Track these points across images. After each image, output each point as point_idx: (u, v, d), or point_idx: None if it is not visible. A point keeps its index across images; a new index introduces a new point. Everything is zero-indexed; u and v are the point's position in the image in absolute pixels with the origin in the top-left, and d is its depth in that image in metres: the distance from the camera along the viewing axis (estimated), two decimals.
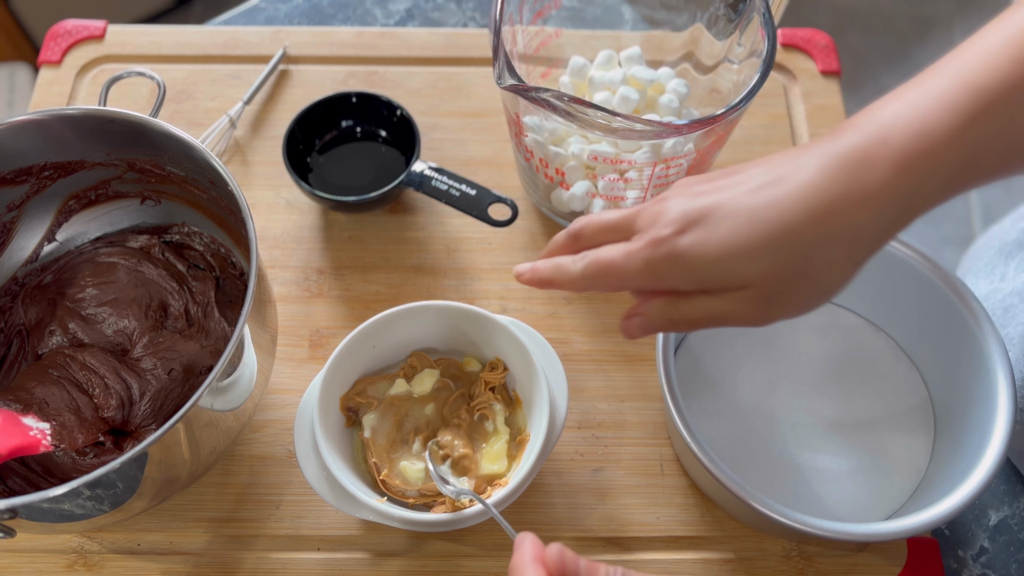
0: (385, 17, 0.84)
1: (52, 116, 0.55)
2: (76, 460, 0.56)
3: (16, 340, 0.61)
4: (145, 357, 0.58)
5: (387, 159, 0.72)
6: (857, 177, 0.38)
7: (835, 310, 0.64)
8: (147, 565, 0.57)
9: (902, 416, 0.60)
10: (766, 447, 0.59)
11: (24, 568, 0.56)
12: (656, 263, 0.41)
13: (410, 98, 0.76)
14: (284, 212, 0.71)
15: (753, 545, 0.58)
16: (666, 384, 0.53)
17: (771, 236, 0.38)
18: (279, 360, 0.63)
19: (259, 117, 0.76)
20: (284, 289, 0.67)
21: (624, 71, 0.66)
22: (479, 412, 0.57)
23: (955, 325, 0.56)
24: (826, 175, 0.38)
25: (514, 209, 0.64)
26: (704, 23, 0.65)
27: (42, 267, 0.63)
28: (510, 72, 0.53)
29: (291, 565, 0.57)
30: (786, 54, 0.79)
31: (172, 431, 0.45)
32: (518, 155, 0.66)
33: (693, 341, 0.63)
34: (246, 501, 0.59)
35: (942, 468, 0.56)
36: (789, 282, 0.39)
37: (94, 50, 0.79)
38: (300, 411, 0.54)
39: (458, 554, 0.57)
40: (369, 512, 0.52)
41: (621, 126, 0.53)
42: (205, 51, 0.79)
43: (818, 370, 0.62)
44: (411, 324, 0.57)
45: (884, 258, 0.58)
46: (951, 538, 0.59)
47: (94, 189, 0.62)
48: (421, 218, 0.71)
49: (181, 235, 0.64)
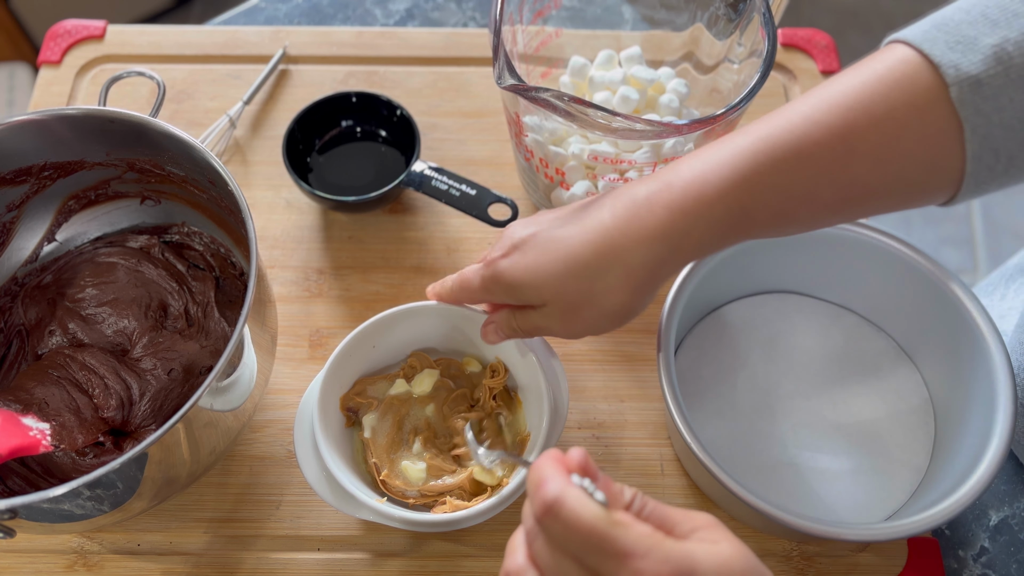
0: (385, 17, 0.84)
1: (52, 116, 0.55)
2: (76, 460, 0.56)
3: (16, 340, 0.61)
4: (145, 357, 0.58)
5: (387, 159, 0.72)
6: (638, 217, 0.44)
7: (835, 310, 0.64)
8: (147, 565, 0.57)
9: (902, 416, 0.60)
10: (766, 447, 0.59)
11: (24, 568, 0.56)
12: (486, 280, 0.49)
13: (410, 98, 0.76)
14: (284, 212, 0.71)
15: (754, 545, 0.57)
16: (667, 384, 0.53)
17: (563, 264, 0.45)
18: (279, 360, 0.63)
19: (259, 117, 0.76)
20: (284, 289, 0.67)
21: (624, 71, 0.66)
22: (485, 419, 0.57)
23: (955, 325, 0.56)
24: (616, 215, 0.44)
25: (514, 209, 0.64)
26: (704, 23, 0.65)
27: (42, 267, 0.63)
28: (510, 72, 0.53)
29: (291, 565, 0.57)
30: (786, 54, 0.79)
31: (172, 431, 0.45)
32: (518, 155, 0.66)
33: (693, 341, 0.63)
34: (246, 501, 0.59)
35: (942, 468, 0.56)
36: (578, 303, 0.46)
37: (94, 50, 0.79)
38: (300, 411, 0.54)
39: (458, 554, 0.57)
40: (369, 512, 0.52)
41: (621, 126, 0.53)
42: (205, 51, 0.79)
43: (818, 370, 0.62)
44: (411, 324, 0.57)
45: (884, 258, 0.58)
46: (951, 538, 0.59)
47: (94, 189, 0.62)
48: (421, 218, 0.71)
49: (181, 235, 0.64)
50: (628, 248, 0.44)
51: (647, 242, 0.44)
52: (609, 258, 0.44)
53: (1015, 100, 0.39)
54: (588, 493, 0.34)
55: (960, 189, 0.42)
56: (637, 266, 0.44)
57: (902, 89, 0.40)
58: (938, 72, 0.39)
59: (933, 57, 0.40)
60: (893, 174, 0.41)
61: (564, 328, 0.48)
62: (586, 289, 0.45)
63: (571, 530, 0.33)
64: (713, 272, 0.58)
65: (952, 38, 0.40)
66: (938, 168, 0.41)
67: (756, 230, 0.44)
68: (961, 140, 0.40)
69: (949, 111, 0.39)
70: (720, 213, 0.43)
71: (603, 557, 0.32)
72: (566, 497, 0.33)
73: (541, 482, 0.34)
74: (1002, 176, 0.41)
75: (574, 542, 0.33)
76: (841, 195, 0.43)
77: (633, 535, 0.32)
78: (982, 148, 0.40)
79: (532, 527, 0.35)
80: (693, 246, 0.44)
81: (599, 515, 0.33)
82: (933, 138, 0.40)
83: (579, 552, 0.33)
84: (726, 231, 0.44)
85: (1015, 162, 0.40)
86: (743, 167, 0.42)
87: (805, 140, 0.41)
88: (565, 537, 0.33)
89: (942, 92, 0.39)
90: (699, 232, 0.43)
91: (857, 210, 0.44)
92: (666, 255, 0.44)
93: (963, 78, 0.39)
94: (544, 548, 0.35)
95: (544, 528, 0.34)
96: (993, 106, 0.39)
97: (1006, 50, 0.38)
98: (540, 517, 0.34)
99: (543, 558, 0.35)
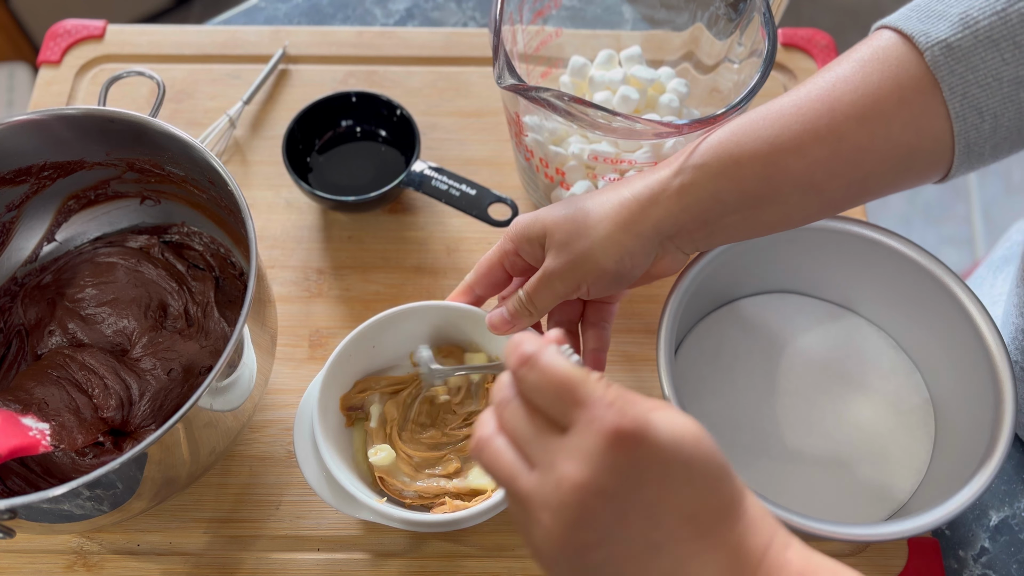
0: (385, 16, 0.84)
1: (51, 116, 0.55)
2: (75, 460, 0.56)
3: (15, 340, 0.61)
4: (144, 357, 0.58)
5: (387, 159, 0.72)
6: (633, 211, 0.49)
7: (835, 310, 0.64)
8: (147, 566, 0.57)
9: (902, 416, 0.60)
10: (766, 447, 0.59)
11: (24, 568, 0.56)
12: (504, 238, 0.54)
13: (410, 98, 0.76)
14: (284, 212, 0.71)
15: None
16: (667, 384, 0.53)
17: (564, 201, 0.52)
18: (279, 360, 0.63)
19: (259, 117, 0.76)
20: (284, 289, 0.67)
21: (624, 71, 0.66)
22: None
23: (956, 325, 0.56)
24: (617, 207, 0.49)
25: (514, 209, 0.64)
26: (704, 22, 0.65)
27: (41, 267, 0.63)
28: (510, 72, 0.53)
29: (291, 566, 0.57)
30: (787, 53, 0.79)
31: (171, 431, 0.45)
32: (518, 155, 0.66)
33: (693, 341, 0.63)
34: (246, 501, 0.59)
35: (942, 468, 0.56)
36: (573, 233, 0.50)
37: (93, 50, 0.79)
38: (299, 412, 0.54)
39: (458, 554, 0.57)
40: (369, 512, 0.52)
41: (621, 126, 0.53)
42: (204, 51, 0.79)
43: (818, 370, 0.61)
44: (411, 324, 0.57)
45: (885, 257, 0.58)
46: (952, 538, 0.59)
47: (93, 189, 0.62)
48: (421, 218, 0.71)
49: (180, 235, 0.64)
50: (630, 194, 0.49)
51: (637, 231, 0.48)
52: (608, 192, 0.50)
53: (986, 59, 0.42)
54: (565, 356, 0.36)
55: (954, 154, 0.44)
56: (630, 199, 0.48)
57: (879, 60, 0.44)
58: (913, 43, 0.43)
59: (906, 31, 0.44)
60: (883, 137, 0.44)
61: (564, 266, 0.50)
62: (581, 219, 0.49)
63: (546, 376, 0.34)
64: (713, 272, 0.58)
65: (923, 14, 0.44)
66: (927, 131, 0.44)
67: (691, 242, 0.49)
68: (943, 101, 0.43)
69: (929, 76, 0.43)
70: (664, 221, 0.48)
71: (571, 405, 0.34)
72: (545, 350, 0.35)
73: (521, 342, 0.36)
74: (992, 137, 0.43)
75: (546, 390, 0.34)
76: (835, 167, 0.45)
77: (602, 387, 0.34)
78: (964, 106, 0.43)
79: (503, 396, 0.37)
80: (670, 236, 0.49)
81: (574, 366, 0.34)
82: (917, 103, 0.43)
83: (549, 401, 0.34)
84: (676, 234, 0.48)
85: (1001, 120, 0.43)
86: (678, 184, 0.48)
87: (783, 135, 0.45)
88: (539, 385, 0.35)
89: (920, 60, 0.43)
90: (672, 222, 0.48)
91: (853, 182, 0.46)
92: (655, 244, 0.49)
93: (934, 43, 0.43)
94: (514, 412, 0.36)
95: (519, 378, 0.35)
96: (966, 66, 0.42)
97: (971, 15, 0.42)
98: (516, 367, 0.35)
99: (512, 421, 0.36)
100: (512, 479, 0.35)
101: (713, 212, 0.47)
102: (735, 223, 0.47)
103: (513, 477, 0.35)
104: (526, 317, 0.52)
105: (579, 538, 0.33)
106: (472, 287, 0.56)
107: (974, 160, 0.45)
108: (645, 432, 0.32)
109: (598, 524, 0.33)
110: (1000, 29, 0.42)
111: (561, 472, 0.33)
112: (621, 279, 0.50)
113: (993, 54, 0.42)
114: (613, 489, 0.32)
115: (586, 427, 0.33)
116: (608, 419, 0.32)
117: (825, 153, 0.44)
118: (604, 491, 0.32)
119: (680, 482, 0.33)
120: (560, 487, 0.33)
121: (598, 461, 0.32)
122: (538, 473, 0.34)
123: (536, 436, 0.35)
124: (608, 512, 0.33)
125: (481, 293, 0.56)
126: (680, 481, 0.33)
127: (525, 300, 0.52)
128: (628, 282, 0.51)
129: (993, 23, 0.42)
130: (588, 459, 0.32)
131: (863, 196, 0.47)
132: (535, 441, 0.35)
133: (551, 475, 0.33)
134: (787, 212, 0.47)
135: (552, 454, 0.34)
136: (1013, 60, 0.42)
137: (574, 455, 0.33)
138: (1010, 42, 0.42)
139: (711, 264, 0.58)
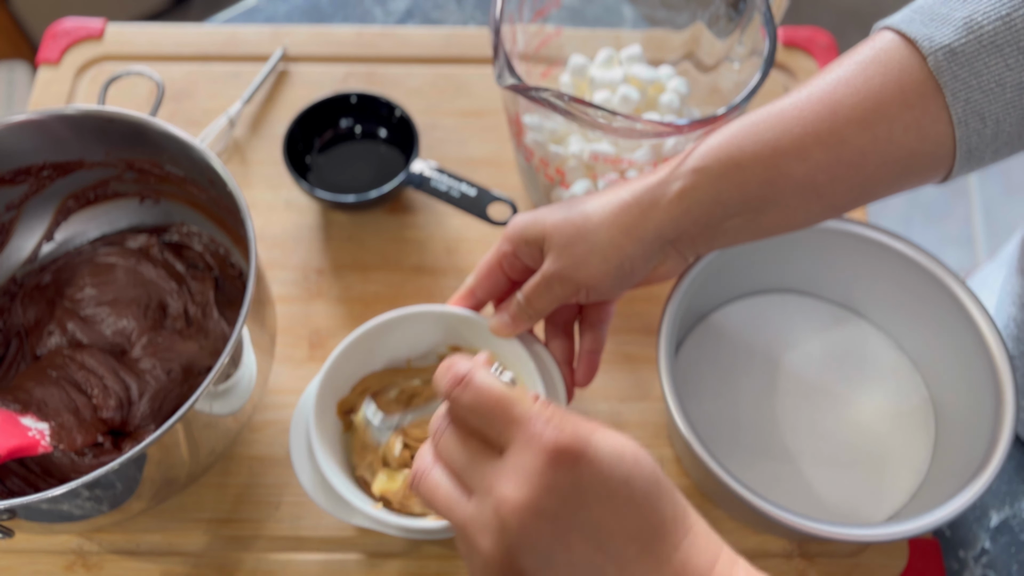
0: (385, 16, 0.84)
1: (51, 116, 0.55)
2: (75, 461, 0.55)
3: (15, 340, 0.61)
4: (144, 357, 0.58)
5: (387, 159, 0.72)
6: (634, 214, 0.48)
7: (835, 310, 0.64)
8: (146, 566, 0.56)
9: (902, 416, 0.60)
10: (766, 447, 0.59)
11: (23, 569, 0.56)
12: (502, 239, 0.54)
13: (410, 97, 0.76)
14: (283, 212, 0.71)
15: (754, 545, 0.57)
16: (667, 384, 0.53)
17: (563, 204, 0.51)
18: (278, 360, 0.63)
19: (258, 117, 0.76)
20: (283, 289, 0.67)
21: (624, 70, 0.66)
22: None
23: (956, 325, 0.56)
24: (617, 211, 0.49)
25: (514, 209, 0.64)
26: (705, 22, 0.64)
27: (41, 267, 0.63)
28: (510, 71, 0.53)
29: (290, 566, 0.56)
30: (787, 53, 0.79)
31: (171, 432, 0.45)
32: (518, 155, 0.66)
33: (693, 341, 0.63)
34: (245, 502, 0.59)
35: (943, 468, 0.56)
36: (574, 235, 0.49)
37: (93, 49, 0.78)
38: (296, 415, 0.54)
39: (456, 555, 0.57)
40: (363, 519, 0.51)
41: (622, 125, 0.53)
42: (204, 50, 0.79)
43: (818, 370, 0.61)
44: (409, 329, 0.57)
45: (885, 257, 0.58)
46: (952, 539, 0.59)
47: (93, 189, 0.62)
48: (421, 218, 0.71)
49: (180, 235, 0.64)
50: (631, 197, 0.48)
51: (637, 236, 0.48)
52: (608, 194, 0.49)
53: (989, 65, 0.42)
54: (496, 375, 0.36)
55: (955, 158, 0.44)
56: (630, 202, 0.48)
57: (881, 62, 0.44)
58: (916, 47, 0.43)
59: (910, 34, 0.43)
60: (884, 140, 0.44)
61: (564, 270, 0.49)
62: (581, 222, 0.49)
63: (480, 397, 0.34)
64: (713, 272, 0.58)
65: (927, 16, 0.44)
66: (929, 135, 0.43)
67: (692, 247, 0.49)
68: (945, 106, 0.42)
69: (931, 81, 0.43)
70: (666, 229, 0.47)
71: (506, 423, 0.33)
72: (477, 371, 0.35)
73: (452, 364, 0.36)
74: (993, 142, 0.43)
75: (480, 411, 0.34)
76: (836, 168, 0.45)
77: (539, 405, 0.34)
78: (966, 112, 0.42)
79: (438, 425, 0.36)
80: (672, 241, 0.49)
81: (507, 387, 0.34)
82: (919, 107, 0.43)
83: (485, 422, 0.34)
84: (676, 241, 0.48)
85: (1003, 126, 0.43)
86: (679, 189, 0.47)
87: (787, 135, 0.45)
88: (473, 405, 0.34)
89: (923, 64, 0.43)
90: (671, 229, 0.48)
91: (854, 185, 0.46)
92: (656, 248, 0.49)
93: (937, 47, 0.42)
94: (449, 438, 0.36)
95: (454, 400, 0.35)
96: (969, 71, 0.42)
97: (975, 19, 0.42)
98: (449, 389, 0.35)
99: (447, 449, 0.36)
100: (450, 510, 0.34)
101: (715, 216, 0.47)
102: (737, 226, 0.47)
103: (450, 508, 0.34)
104: (526, 320, 0.52)
105: (520, 563, 0.32)
106: (473, 291, 0.55)
107: (975, 163, 0.45)
108: (585, 449, 0.31)
109: (540, 547, 0.32)
110: (1005, 34, 0.41)
111: (499, 495, 0.32)
112: (621, 284, 0.50)
113: (997, 59, 0.41)
114: (554, 510, 0.31)
115: (524, 446, 0.32)
116: (547, 436, 0.32)
117: (827, 157, 0.44)
118: (545, 512, 0.31)
119: (621, 501, 0.32)
120: (499, 511, 0.32)
121: (537, 480, 0.31)
122: (476, 500, 0.33)
123: (471, 462, 0.34)
124: (549, 534, 0.32)
125: (482, 297, 0.55)
126: (621, 500, 0.32)
127: (524, 303, 0.52)
128: (628, 287, 0.50)
129: (998, 28, 0.41)
130: (527, 479, 0.32)
131: (865, 198, 0.46)
132: (470, 467, 0.34)
133: (488, 500, 0.33)
134: (789, 215, 0.47)
135: (489, 478, 0.33)
136: (1017, 65, 0.41)
137: (512, 476, 0.32)
138: (1014, 47, 0.41)
139: (712, 264, 0.58)
